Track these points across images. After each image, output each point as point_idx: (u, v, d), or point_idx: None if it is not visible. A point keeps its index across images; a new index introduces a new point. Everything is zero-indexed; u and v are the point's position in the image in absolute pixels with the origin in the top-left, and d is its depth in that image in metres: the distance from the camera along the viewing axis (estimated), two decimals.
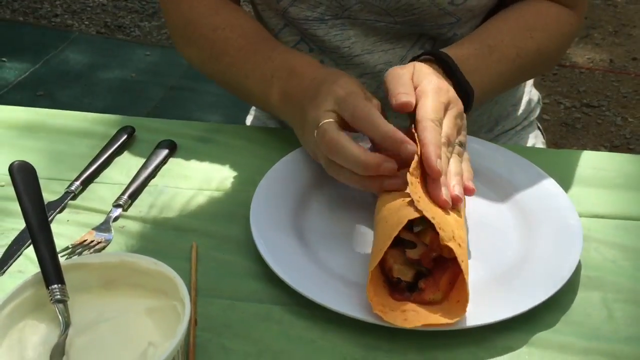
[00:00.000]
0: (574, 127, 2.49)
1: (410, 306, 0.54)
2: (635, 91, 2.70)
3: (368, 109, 0.63)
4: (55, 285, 0.51)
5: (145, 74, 2.80)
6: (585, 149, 2.38)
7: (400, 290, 0.56)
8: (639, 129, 2.46)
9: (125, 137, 0.79)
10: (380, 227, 0.57)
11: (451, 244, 0.53)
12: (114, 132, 0.80)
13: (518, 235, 0.63)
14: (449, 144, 0.61)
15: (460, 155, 0.63)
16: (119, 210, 0.69)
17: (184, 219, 0.68)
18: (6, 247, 0.64)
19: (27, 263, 0.62)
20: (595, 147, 2.38)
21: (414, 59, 0.73)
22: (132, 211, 0.69)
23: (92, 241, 0.64)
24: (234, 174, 0.74)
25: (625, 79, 2.78)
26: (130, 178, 0.73)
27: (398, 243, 0.56)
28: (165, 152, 0.77)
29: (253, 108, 1.07)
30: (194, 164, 0.76)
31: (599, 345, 0.53)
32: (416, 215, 0.55)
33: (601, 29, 3.18)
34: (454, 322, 0.53)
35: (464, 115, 0.66)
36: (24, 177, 0.56)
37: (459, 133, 0.63)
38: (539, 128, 1.04)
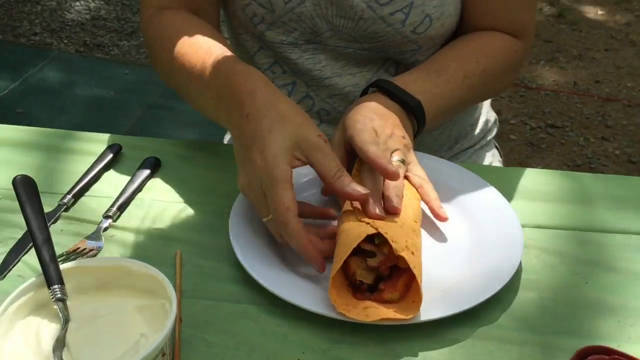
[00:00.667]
0: (539, 147, 2.60)
1: (371, 304, 0.61)
2: (597, 112, 2.82)
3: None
4: (56, 286, 0.57)
5: (124, 92, 2.84)
6: (549, 167, 2.50)
7: (362, 291, 0.63)
8: (599, 149, 2.58)
9: (112, 154, 0.86)
10: (342, 238, 0.64)
11: (404, 253, 0.61)
12: (102, 149, 0.86)
13: (468, 242, 0.71)
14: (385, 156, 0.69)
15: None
16: (108, 221, 0.75)
17: (168, 229, 0.74)
18: (5, 254, 0.70)
19: (26, 268, 0.68)
20: (559, 166, 2.48)
21: (362, 93, 0.81)
22: (120, 222, 0.75)
23: (84, 249, 0.71)
24: (214, 188, 0.81)
25: (588, 101, 2.90)
26: (119, 192, 0.79)
27: (360, 252, 0.63)
28: (150, 168, 0.83)
29: None
30: (176, 179, 0.83)
31: (534, 337, 0.61)
32: (373, 231, 0.62)
33: (566, 53, 3.32)
34: (410, 318, 0.60)
35: (399, 134, 0.73)
36: (26, 189, 0.62)
37: (393, 152, 0.71)
38: (496, 147, 1.13)
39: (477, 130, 1.06)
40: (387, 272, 0.63)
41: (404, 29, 0.87)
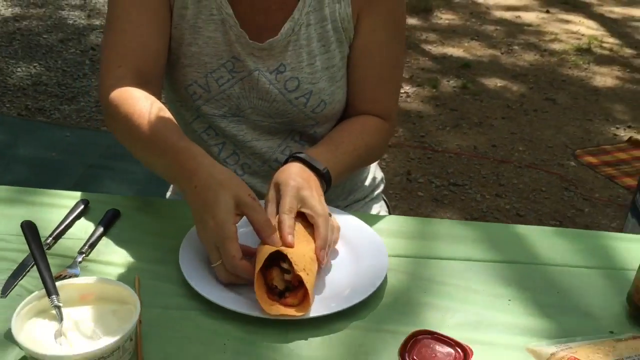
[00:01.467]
0: (443, 203, 2.96)
1: (277, 305, 0.89)
2: (492, 173, 3.22)
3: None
4: (54, 296, 0.82)
5: (66, 153, 2.98)
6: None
7: (274, 294, 0.90)
8: (493, 204, 2.96)
9: (82, 207, 1.11)
10: (262, 251, 0.90)
11: (301, 273, 0.89)
12: (71, 203, 1.11)
13: (350, 264, 0.99)
14: (291, 211, 0.96)
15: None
16: (82, 256, 1.00)
17: (128, 261, 1.00)
18: (5, 280, 0.93)
19: (22, 290, 0.92)
20: (459, 219, 2.85)
21: (286, 162, 1.06)
22: (91, 256, 1.00)
23: (65, 275, 0.95)
24: (161, 232, 1.06)
25: (485, 163, 3.31)
26: (89, 235, 1.04)
27: (281, 268, 0.90)
28: (112, 217, 1.09)
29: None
30: (133, 225, 1.08)
31: (388, 327, 0.89)
32: (282, 251, 0.90)
33: (468, 120, 3.74)
34: (301, 315, 0.87)
35: (317, 195, 0.99)
36: (30, 230, 0.87)
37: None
38: (384, 199, 1.44)
39: (366, 185, 1.37)
40: (296, 284, 0.90)
41: (305, 109, 1.18)
